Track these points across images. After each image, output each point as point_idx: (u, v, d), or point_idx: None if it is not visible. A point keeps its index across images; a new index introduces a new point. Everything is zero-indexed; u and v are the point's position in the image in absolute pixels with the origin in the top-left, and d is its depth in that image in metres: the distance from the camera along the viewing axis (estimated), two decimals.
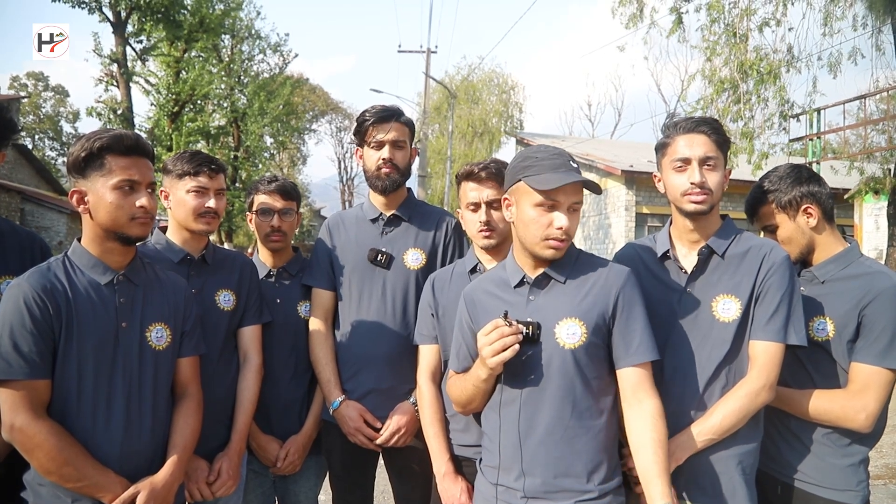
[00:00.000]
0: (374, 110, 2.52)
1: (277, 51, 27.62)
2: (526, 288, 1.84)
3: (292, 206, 2.61)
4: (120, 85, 17.00)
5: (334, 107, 46.47)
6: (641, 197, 17.61)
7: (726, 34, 10.21)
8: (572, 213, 1.77)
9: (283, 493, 2.61)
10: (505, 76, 34.69)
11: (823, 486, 1.95)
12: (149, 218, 1.80)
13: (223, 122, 23.93)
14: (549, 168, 1.76)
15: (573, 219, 1.77)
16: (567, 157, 1.79)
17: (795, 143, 10.50)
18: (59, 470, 1.65)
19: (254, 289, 2.42)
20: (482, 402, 1.90)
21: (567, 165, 1.77)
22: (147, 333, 1.85)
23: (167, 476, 1.81)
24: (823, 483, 1.96)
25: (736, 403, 1.82)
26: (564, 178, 1.72)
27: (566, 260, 1.83)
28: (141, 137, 1.82)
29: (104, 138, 1.73)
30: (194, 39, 19.03)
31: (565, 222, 1.73)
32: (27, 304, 1.65)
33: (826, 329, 1.99)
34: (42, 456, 1.63)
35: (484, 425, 1.93)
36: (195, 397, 1.99)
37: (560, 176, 1.73)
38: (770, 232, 2.16)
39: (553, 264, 1.82)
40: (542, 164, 1.77)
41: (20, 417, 1.62)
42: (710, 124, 1.95)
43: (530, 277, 1.84)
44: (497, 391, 1.85)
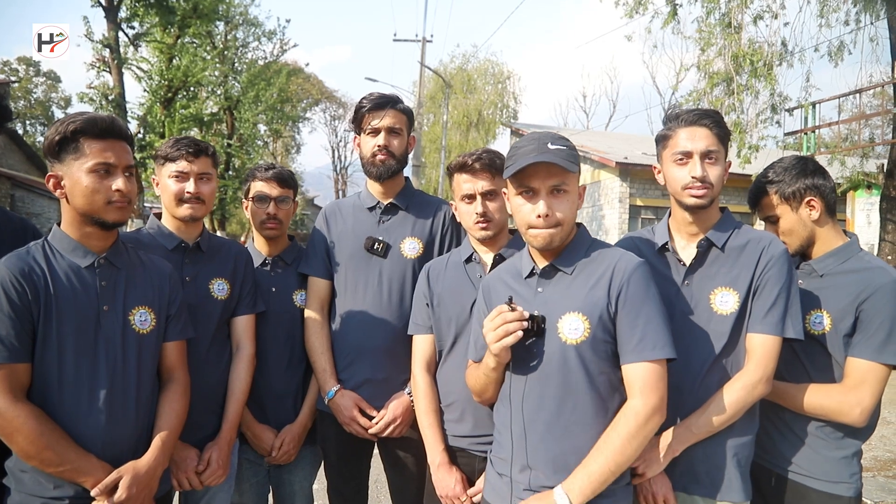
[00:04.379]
0: (372, 97, 2.49)
1: (273, 38, 27.36)
2: (535, 279, 1.81)
3: (289, 194, 2.59)
4: (112, 71, 16.78)
5: (329, 95, 46.22)
6: (635, 189, 17.63)
7: (721, 25, 10.20)
8: (556, 196, 1.72)
9: (278, 483, 2.60)
10: (500, 66, 34.61)
11: (817, 478, 1.96)
12: (126, 202, 1.76)
13: (216, 110, 23.72)
14: (521, 155, 1.73)
15: (559, 202, 1.72)
16: (545, 140, 1.73)
17: (790, 136, 10.51)
18: (40, 454, 1.63)
19: (248, 278, 2.40)
20: (495, 392, 1.89)
21: (540, 148, 1.71)
22: (130, 317, 1.84)
23: (151, 461, 1.79)
24: (817, 475, 1.96)
25: (733, 396, 1.82)
26: (520, 162, 1.70)
27: (576, 250, 1.79)
28: (116, 119, 1.79)
29: (78, 121, 1.71)
30: (187, 25, 18.79)
31: (543, 209, 1.70)
32: (5, 287, 1.64)
33: (823, 323, 1.99)
34: (22, 440, 1.62)
35: (495, 416, 1.92)
36: (181, 382, 1.98)
37: (520, 160, 1.71)
38: (772, 223, 2.16)
39: (561, 255, 1.79)
40: (517, 153, 1.75)
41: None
42: (712, 117, 1.93)
43: (539, 268, 1.81)
44: (506, 382, 1.84)
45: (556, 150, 1.71)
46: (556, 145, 1.72)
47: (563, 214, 1.73)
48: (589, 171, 19.05)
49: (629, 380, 1.68)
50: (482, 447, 2.13)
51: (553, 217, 1.72)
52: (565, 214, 1.73)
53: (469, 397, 2.12)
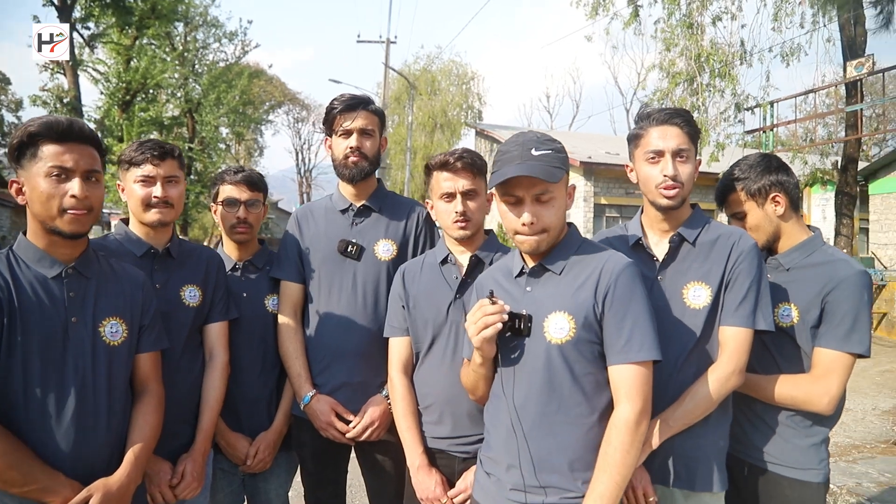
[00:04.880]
0: (343, 99, 2.47)
1: (234, 39, 26.96)
2: (524, 278, 1.81)
3: (259, 198, 2.55)
4: (67, 73, 16.32)
5: (292, 97, 45.71)
6: (599, 188, 17.88)
7: (682, 25, 10.42)
8: (541, 203, 1.71)
9: (253, 492, 2.56)
10: (464, 67, 34.70)
11: (788, 466, 2.01)
12: (83, 210, 1.68)
13: (177, 113, 23.27)
14: (505, 162, 1.72)
15: (545, 209, 1.71)
16: (530, 145, 1.72)
17: (749, 134, 10.79)
18: (3, 474, 1.56)
19: (220, 284, 2.35)
20: (485, 389, 1.89)
21: (524, 156, 1.69)
22: (100, 328, 1.78)
23: (123, 477, 1.73)
24: (788, 463, 2.01)
25: (708, 388, 1.85)
26: (503, 173, 1.69)
27: (565, 250, 1.79)
28: (77, 122, 1.71)
29: (34, 125, 1.65)
30: (146, 26, 18.40)
31: (528, 218, 1.70)
32: None
33: (791, 315, 2.04)
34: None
35: (484, 415, 1.92)
36: (155, 394, 1.92)
37: (502, 171, 1.70)
38: (738, 219, 2.20)
39: (550, 255, 1.78)
40: (501, 159, 1.74)
41: None
42: (682, 116, 1.97)
43: (528, 267, 1.81)
44: (496, 381, 1.84)
45: (540, 155, 1.69)
46: (542, 150, 1.71)
47: (549, 221, 1.72)
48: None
49: (615, 382, 1.68)
50: (461, 448, 2.13)
51: (538, 224, 1.71)
52: (551, 221, 1.73)
53: (448, 399, 2.12)
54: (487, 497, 1.82)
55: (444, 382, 2.14)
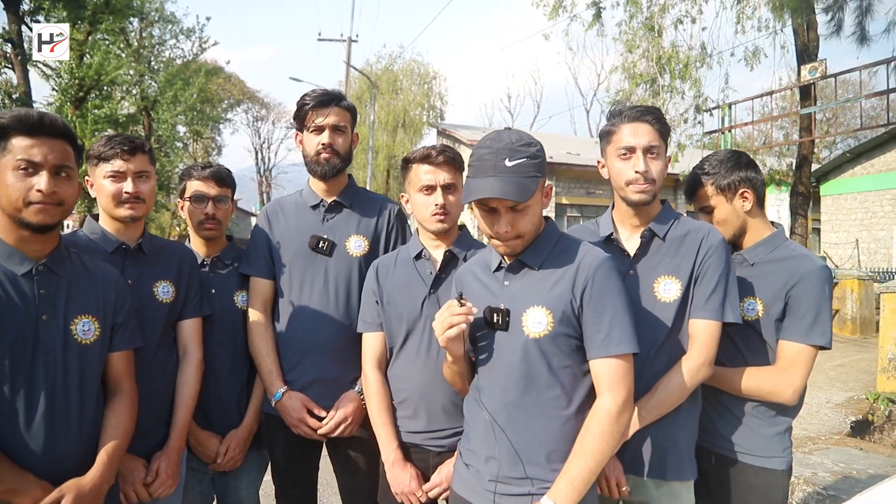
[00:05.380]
0: (315, 94, 2.45)
1: (191, 36, 26.40)
2: (503, 273, 1.82)
3: (227, 193, 2.51)
4: (16, 67, 15.75)
5: (251, 96, 45.03)
6: (561, 188, 18.08)
7: (644, 28, 10.62)
8: (517, 212, 1.70)
9: (224, 490, 2.52)
10: (426, 66, 34.66)
11: (753, 454, 2.07)
12: (49, 203, 1.64)
13: (133, 110, 22.67)
14: (475, 173, 1.71)
15: (519, 217, 1.70)
16: (503, 155, 1.68)
17: (707, 136, 11.06)
18: None
19: (194, 280, 2.31)
20: (464, 385, 1.90)
21: (497, 167, 1.66)
22: (72, 326, 1.73)
23: (95, 478, 1.70)
24: (753, 451, 2.07)
25: (678, 379, 1.90)
26: (474, 191, 1.68)
27: (542, 245, 1.79)
28: (50, 116, 1.67)
29: (5, 117, 1.62)
30: (99, 21, 17.82)
31: (503, 228, 1.70)
32: None
33: (756, 309, 2.10)
34: None
35: (464, 407, 1.93)
36: (129, 393, 1.88)
37: (472, 189, 1.69)
38: (706, 213, 2.25)
39: (528, 250, 1.78)
40: (474, 167, 1.73)
41: None
42: (653, 114, 2.01)
43: (506, 262, 1.82)
44: (476, 375, 1.85)
45: (514, 166, 1.66)
46: (516, 159, 1.67)
47: (525, 228, 1.72)
48: None
49: (597, 376, 1.70)
50: (436, 442, 2.13)
51: (513, 232, 1.71)
52: (526, 228, 1.73)
53: (422, 394, 2.12)
54: (466, 488, 1.83)
55: (418, 377, 2.14)
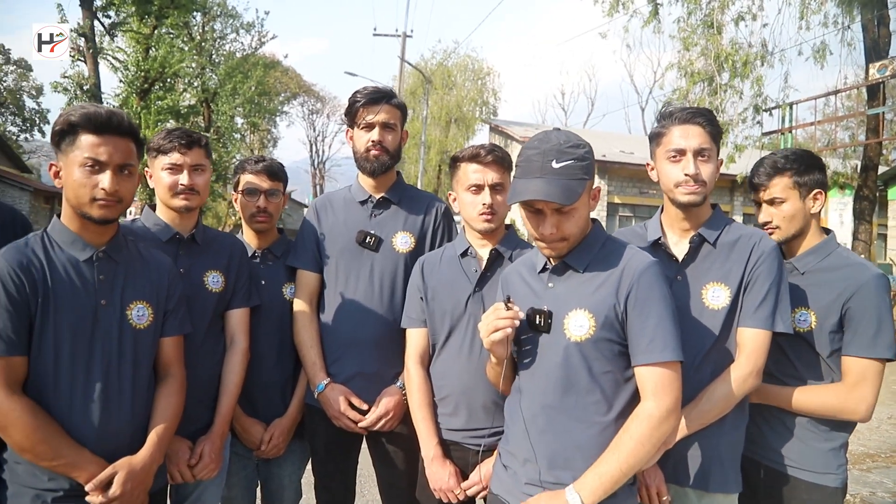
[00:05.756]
0: (366, 91, 2.48)
1: (251, 30, 27.04)
2: (547, 274, 1.81)
3: (279, 187, 2.57)
4: (87, 60, 16.48)
5: (307, 89, 45.78)
6: (613, 187, 17.78)
7: (703, 25, 10.33)
8: (563, 214, 1.68)
9: (267, 477, 2.59)
10: (480, 62, 34.57)
11: (806, 469, 2.00)
12: (113, 201, 1.72)
13: (193, 102, 23.39)
14: (522, 174, 1.71)
15: (565, 220, 1.69)
16: (550, 156, 1.67)
17: (766, 136, 10.69)
18: (34, 448, 1.62)
19: (243, 271, 2.38)
20: (505, 386, 1.90)
21: (544, 168, 1.66)
22: (128, 311, 1.82)
23: (146, 457, 1.78)
24: (806, 466, 2.00)
25: (724, 389, 1.85)
26: (520, 192, 1.69)
27: (588, 248, 1.77)
28: (118, 115, 1.75)
29: (76, 114, 1.70)
30: (164, 16, 18.48)
31: (548, 230, 1.69)
32: (3, 280, 1.63)
33: (808, 320, 2.02)
34: (16, 433, 1.61)
35: (505, 408, 1.94)
36: (178, 377, 1.96)
37: (518, 191, 1.70)
38: (773, 205, 2.13)
39: (573, 253, 1.77)
40: (521, 167, 1.73)
41: None
42: (705, 115, 1.96)
43: (551, 264, 1.81)
44: (518, 377, 1.85)
45: (561, 168, 1.65)
46: (563, 161, 1.66)
47: (570, 231, 1.71)
48: None
49: (641, 382, 1.67)
50: (476, 441, 2.13)
51: (558, 234, 1.70)
52: (572, 231, 1.71)
53: (462, 391, 2.13)
54: (504, 489, 1.84)
55: (460, 374, 2.15)
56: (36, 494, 1.68)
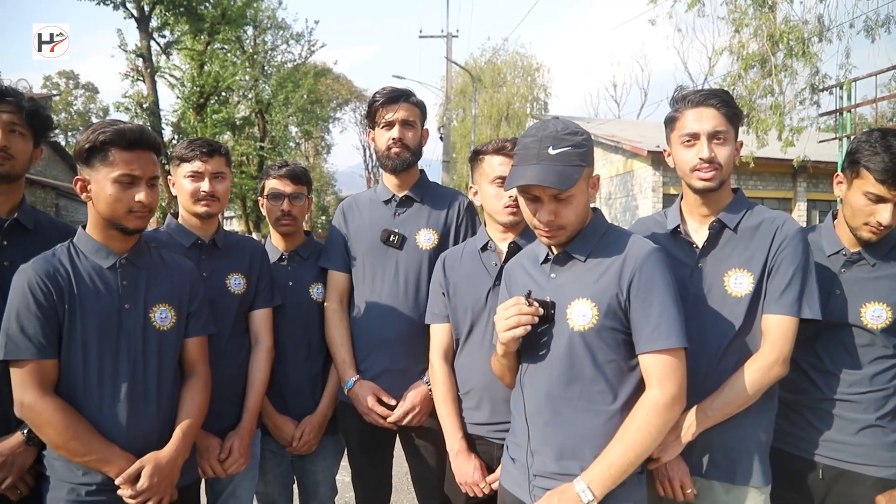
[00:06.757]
0: (385, 91, 2.53)
1: (301, 40, 27.71)
2: (549, 265, 1.80)
3: (302, 191, 2.63)
4: (145, 79, 17.21)
5: (358, 95, 46.47)
6: (668, 178, 17.30)
7: (754, 5, 9.94)
8: (560, 201, 1.67)
9: (301, 473, 2.66)
10: (529, 58, 34.26)
11: (875, 465, 1.91)
12: (146, 212, 1.83)
13: (248, 113, 24.13)
14: (519, 161, 1.71)
15: (563, 207, 1.68)
16: (547, 143, 1.66)
17: (825, 116, 10.19)
18: (67, 445, 1.72)
19: (265, 272, 2.45)
20: (510, 378, 1.91)
21: (541, 155, 1.65)
22: (151, 314, 1.90)
23: (172, 452, 1.86)
24: (874, 461, 1.91)
25: (749, 378, 1.79)
26: (516, 178, 1.68)
27: (590, 237, 1.76)
28: (146, 130, 1.84)
29: (108, 132, 1.77)
30: (217, 32, 19.13)
31: (545, 217, 1.68)
32: (31, 288, 1.74)
33: (883, 316, 1.92)
34: (50, 431, 1.71)
35: (510, 401, 1.94)
36: (203, 376, 2.04)
37: (514, 177, 1.69)
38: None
39: (574, 242, 1.76)
40: (518, 155, 1.73)
41: (28, 395, 1.71)
42: (719, 97, 1.90)
43: (553, 254, 1.80)
44: (521, 368, 1.85)
45: (558, 154, 1.65)
46: (560, 147, 1.66)
47: (568, 219, 1.70)
48: (621, 161, 18.80)
49: (646, 369, 1.66)
50: (500, 434, 2.13)
51: (556, 222, 1.69)
52: (569, 218, 1.70)
53: (486, 385, 2.14)
54: (512, 482, 1.84)
55: (482, 368, 2.15)
56: (71, 488, 1.79)
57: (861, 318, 1.93)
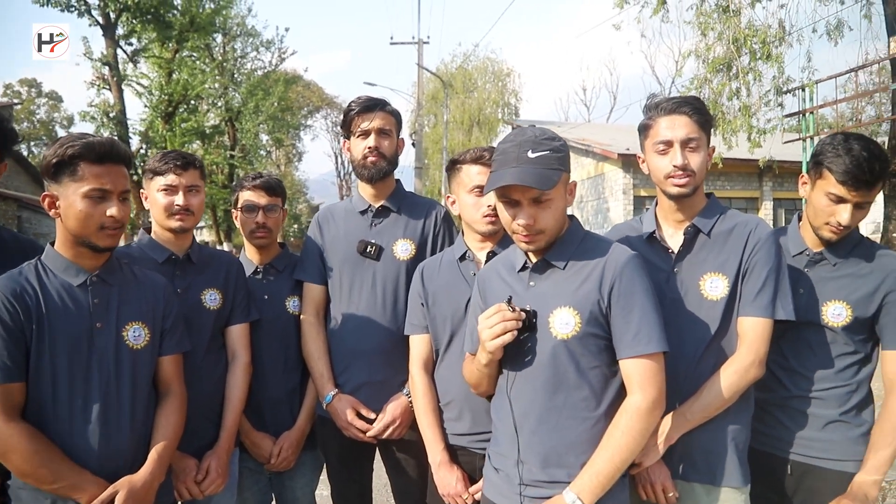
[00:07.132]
0: (360, 101, 2.51)
1: (271, 47, 27.52)
2: (527, 273, 1.80)
3: (277, 203, 2.59)
4: (112, 88, 16.91)
5: (329, 102, 46.28)
6: (639, 180, 17.54)
7: (718, 10, 10.13)
8: (539, 205, 1.69)
9: (280, 490, 2.61)
10: (500, 63, 34.51)
11: (839, 460, 1.95)
12: (118, 227, 1.77)
13: (218, 122, 23.84)
14: (498, 166, 1.72)
15: (541, 211, 1.69)
16: (526, 147, 1.68)
17: (789, 118, 10.42)
18: (35, 472, 1.65)
19: (241, 287, 2.41)
20: (489, 386, 1.89)
21: (520, 158, 1.67)
22: (124, 333, 1.84)
23: (146, 475, 1.80)
24: (838, 456, 1.95)
25: (726, 380, 1.82)
26: (495, 180, 1.69)
27: (568, 244, 1.77)
28: (116, 143, 1.78)
29: (77, 145, 1.71)
30: (185, 39, 18.86)
31: (524, 221, 1.69)
32: None
33: (843, 314, 1.96)
34: (16, 458, 1.64)
35: (491, 410, 1.93)
36: (178, 395, 1.99)
37: (497, 175, 1.70)
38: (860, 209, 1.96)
39: (553, 250, 1.76)
40: (497, 160, 1.74)
41: None
42: (691, 104, 1.93)
43: (531, 262, 1.80)
44: (502, 377, 1.84)
45: (537, 158, 1.67)
46: (539, 151, 1.68)
47: (546, 223, 1.70)
48: (592, 164, 19.00)
49: (627, 375, 1.68)
50: (482, 444, 2.12)
51: (535, 227, 1.70)
52: (548, 223, 1.71)
53: (467, 395, 2.12)
54: (497, 492, 1.82)
55: (462, 379, 2.14)
56: None
57: (822, 316, 1.98)
